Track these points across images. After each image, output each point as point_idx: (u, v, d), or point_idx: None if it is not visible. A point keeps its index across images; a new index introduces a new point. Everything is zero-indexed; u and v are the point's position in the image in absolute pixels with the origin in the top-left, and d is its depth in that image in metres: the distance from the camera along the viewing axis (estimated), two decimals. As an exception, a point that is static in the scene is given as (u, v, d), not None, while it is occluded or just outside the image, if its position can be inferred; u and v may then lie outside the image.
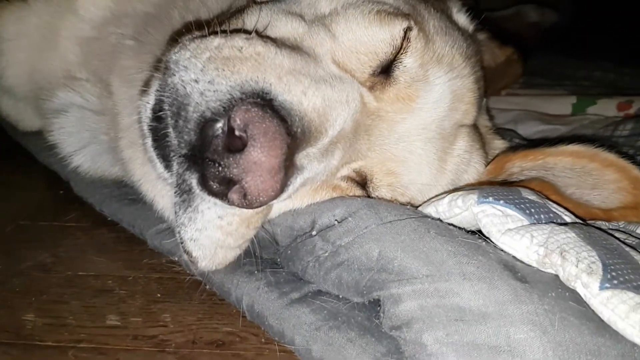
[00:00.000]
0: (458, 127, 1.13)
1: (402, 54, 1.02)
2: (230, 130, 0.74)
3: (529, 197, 0.99)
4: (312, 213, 1.03)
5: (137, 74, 1.31)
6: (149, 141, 0.84)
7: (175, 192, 0.84)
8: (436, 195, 1.05)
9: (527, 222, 0.92)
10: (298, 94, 0.81)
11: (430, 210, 1.00)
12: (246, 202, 0.76)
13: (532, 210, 0.95)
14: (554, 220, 0.96)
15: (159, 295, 1.15)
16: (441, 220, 0.95)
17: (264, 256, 1.12)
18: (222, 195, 0.78)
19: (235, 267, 1.05)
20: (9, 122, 1.83)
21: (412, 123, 1.04)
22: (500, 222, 0.91)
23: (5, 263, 1.25)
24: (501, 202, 0.94)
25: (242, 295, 1.04)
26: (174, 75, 0.80)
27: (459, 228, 0.94)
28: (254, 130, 0.73)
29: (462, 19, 1.34)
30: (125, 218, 1.39)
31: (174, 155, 0.81)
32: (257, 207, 0.78)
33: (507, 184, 1.16)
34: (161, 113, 0.80)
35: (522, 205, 0.95)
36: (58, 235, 1.40)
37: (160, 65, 0.85)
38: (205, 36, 0.86)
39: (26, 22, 1.58)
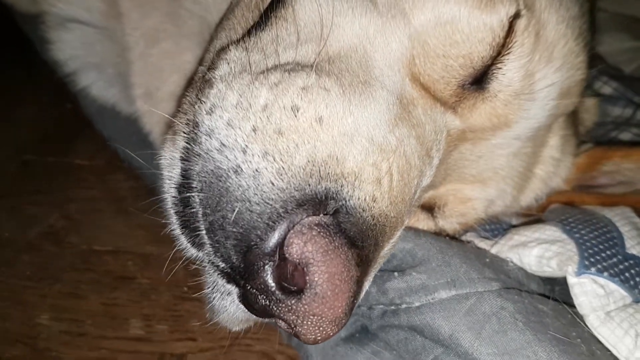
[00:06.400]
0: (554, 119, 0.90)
1: (504, 55, 0.75)
2: (283, 257, 0.55)
3: (634, 254, 0.81)
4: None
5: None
6: (175, 223, 0.64)
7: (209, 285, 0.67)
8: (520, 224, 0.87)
9: (629, 299, 0.76)
10: (370, 191, 0.58)
11: (512, 256, 0.83)
12: (299, 338, 0.59)
13: (638, 279, 0.78)
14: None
15: (185, 289, 1.03)
16: (529, 293, 0.78)
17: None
18: (267, 317, 0.61)
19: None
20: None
21: (500, 140, 0.81)
22: (600, 304, 0.74)
23: (13, 227, 1.11)
24: (605, 274, 0.76)
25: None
26: (209, 160, 0.57)
27: (554, 301, 0.78)
28: (315, 272, 0.53)
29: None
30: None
31: (207, 257, 0.61)
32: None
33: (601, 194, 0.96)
34: (191, 202, 0.59)
35: (627, 274, 0.77)
36: (69, 180, 1.23)
37: (188, 119, 0.61)
38: (248, 71, 0.61)
39: None
